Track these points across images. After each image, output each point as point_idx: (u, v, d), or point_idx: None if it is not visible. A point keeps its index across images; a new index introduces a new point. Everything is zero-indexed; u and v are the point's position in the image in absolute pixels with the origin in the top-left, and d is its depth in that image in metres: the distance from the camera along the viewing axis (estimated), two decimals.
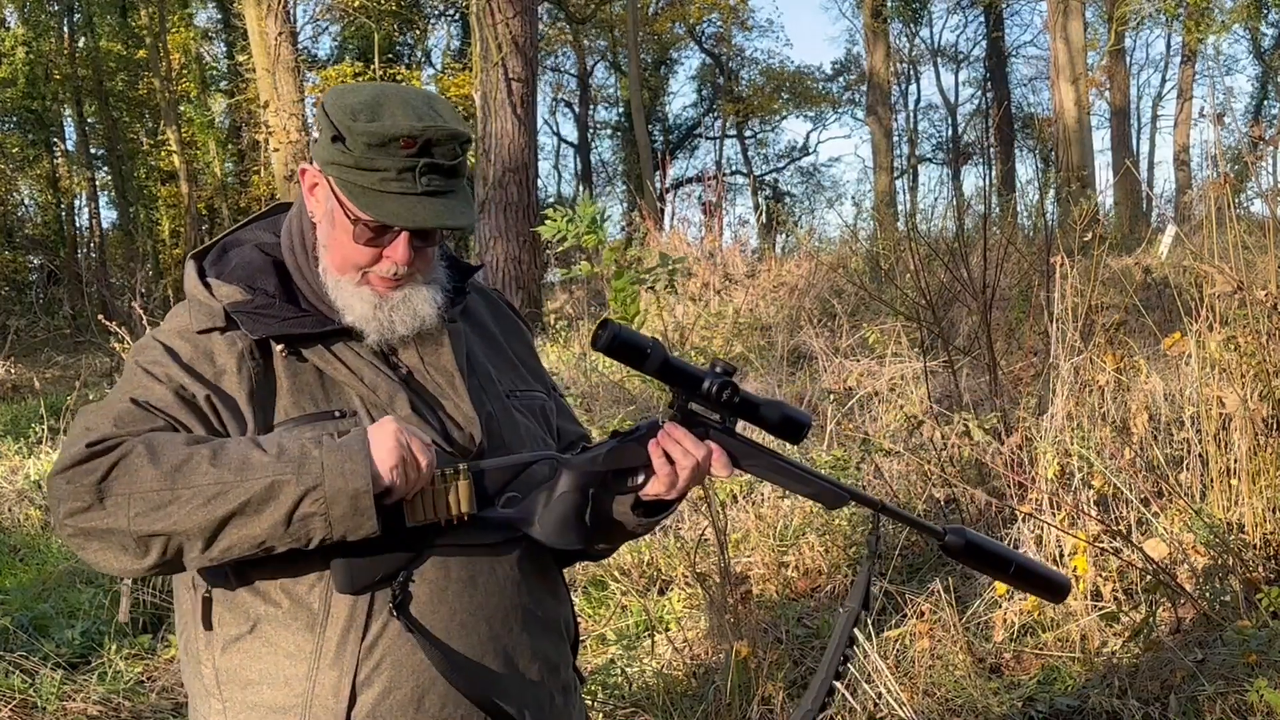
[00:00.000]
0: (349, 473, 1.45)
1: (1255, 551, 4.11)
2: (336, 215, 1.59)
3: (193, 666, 1.65)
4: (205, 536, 1.45)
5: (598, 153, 35.54)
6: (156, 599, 4.72)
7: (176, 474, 1.44)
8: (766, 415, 1.66)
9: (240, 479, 1.44)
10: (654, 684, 3.76)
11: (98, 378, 11.74)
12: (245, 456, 1.45)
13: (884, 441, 5.04)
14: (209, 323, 1.59)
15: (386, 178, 1.53)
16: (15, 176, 23.98)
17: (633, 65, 25.17)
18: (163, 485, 1.43)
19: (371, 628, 1.55)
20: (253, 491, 1.44)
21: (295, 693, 1.56)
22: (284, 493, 1.44)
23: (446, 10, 27.05)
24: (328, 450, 1.46)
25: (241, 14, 18.12)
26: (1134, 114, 30.06)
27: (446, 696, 1.58)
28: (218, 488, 1.43)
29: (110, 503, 1.44)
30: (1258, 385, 4.20)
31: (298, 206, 1.70)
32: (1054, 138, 22.63)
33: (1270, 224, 4.58)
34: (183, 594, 1.67)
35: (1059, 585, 1.86)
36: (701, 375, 1.62)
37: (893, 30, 30.30)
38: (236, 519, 1.44)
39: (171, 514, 1.44)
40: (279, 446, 1.47)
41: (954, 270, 6.19)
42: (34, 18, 22.67)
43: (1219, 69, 27.32)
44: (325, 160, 1.57)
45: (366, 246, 1.58)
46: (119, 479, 1.44)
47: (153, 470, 1.44)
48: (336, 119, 1.55)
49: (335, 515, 1.45)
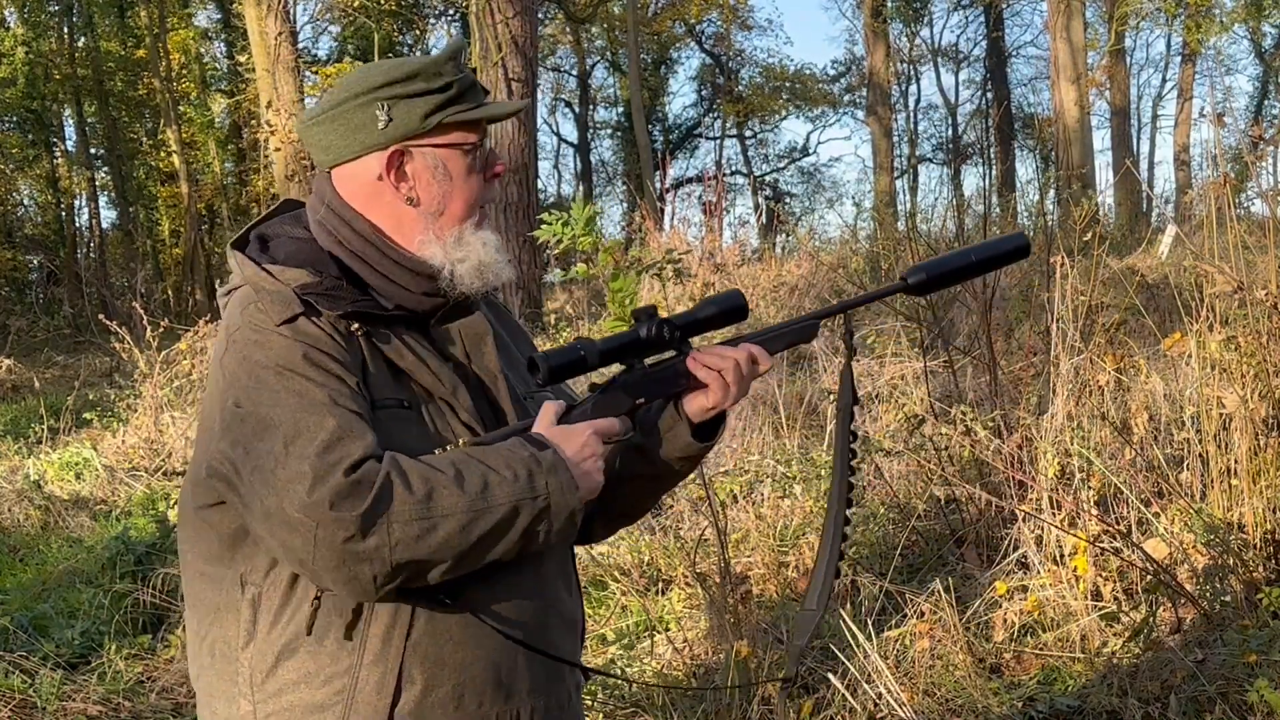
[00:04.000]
0: (568, 492, 1.54)
1: (1255, 551, 4.10)
2: (450, 163, 1.66)
3: (221, 666, 1.62)
4: (453, 561, 1.50)
5: (598, 153, 35.57)
6: (156, 599, 4.72)
7: (429, 502, 1.47)
8: (707, 317, 1.73)
9: (486, 505, 1.49)
10: (654, 684, 3.75)
11: (98, 378, 11.75)
12: (484, 479, 1.50)
13: (884, 441, 5.04)
14: (287, 311, 1.57)
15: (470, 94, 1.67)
16: (15, 176, 23.98)
17: (633, 65, 25.18)
18: (419, 514, 1.46)
19: (416, 625, 1.56)
20: (499, 516, 1.50)
21: (335, 690, 1.56)
22: (523, 514, 1.51)
23: (446, 10, 27.04)
24: (548, 471, 1.53)
25: (241, 14, 18.14)
26: (1134, 114, 30.07)
27: (483, 694, 1.60)
28: (469, 515, 1.48)
29: (373, 535, 1.44)
30: (1258, 385, 4.20)
31: (339, 214, 1.67)
32: (1054, 138, 22.65)
33: (1270, 224, 4.58)
34: (213, 592, 1.63)
35: (1017, 245, 1.87)
36: (634, 332, 1.68)
37: (893, 30, 30.33)
38: (484, 541, 1.50)
39: (428, 542, 1.46)
40: (508, 467, 1.52)
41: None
42: (34, 18, 22.67)
43: (1219, 69, 27.33)
44: (410, 127, 1.63)
45: (483, 176, 1.70)
46: (380, 509, 1.45)
47: (409, 498, 1.46)
48: (393, 81, 1.62)
49: (555, 530, 1.55)
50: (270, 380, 1.52)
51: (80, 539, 6.05)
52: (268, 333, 1.55)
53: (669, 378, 1.71)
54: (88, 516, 6.51)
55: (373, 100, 1.62)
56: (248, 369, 1.54)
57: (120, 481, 7.21)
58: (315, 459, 1.45)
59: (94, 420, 8.69)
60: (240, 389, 1.53)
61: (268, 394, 1.51)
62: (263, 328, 1.56)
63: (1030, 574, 4.17)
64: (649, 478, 1.79)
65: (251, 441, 1.49)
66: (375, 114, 1.62)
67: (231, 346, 1.57)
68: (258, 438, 1.49)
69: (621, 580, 4.71)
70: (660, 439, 1.75)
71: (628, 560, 4.90)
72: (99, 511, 6.67)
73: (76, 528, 6.32)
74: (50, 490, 6.97)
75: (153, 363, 8.43)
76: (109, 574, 4.94)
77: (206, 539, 1.63)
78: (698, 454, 1.77)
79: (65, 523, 6.39)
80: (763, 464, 5.67)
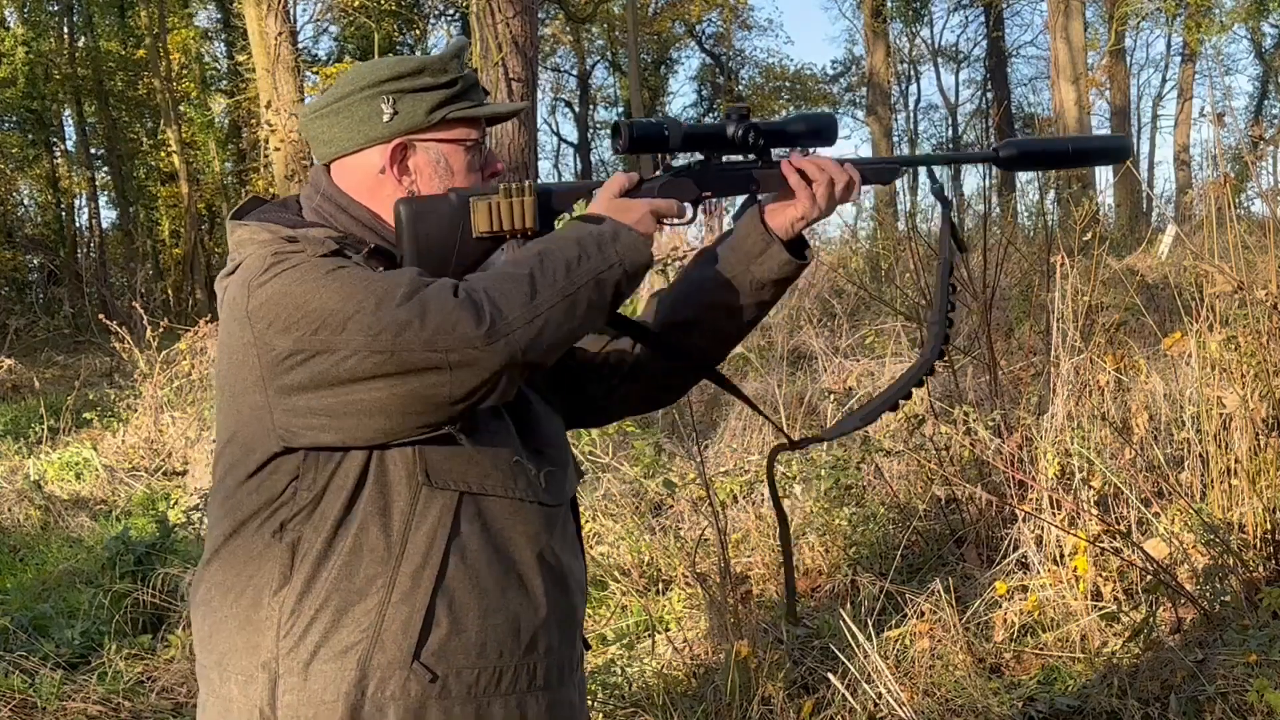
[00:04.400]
0: (638, 248, 1.62)
1: (1255, 551, 4.10)
2: (452, 158, 1.68)
3: (248, 614, 1.59)
4: (566, 340, 1.56)
5: (598, 153, 35.54)
6: (156, 599, 4.72)
7: (533, 300, 1.51)
8: (794, 130, 1.76)
9: (575, 286, 1.55)
10: (654, 684, 3.76)
11: (98, 378, 11.74)
12: (566, 264, 1.56)
13: (884, 441, 5.04)
14: (323, 248, 1.56)
15: (473, 92, 1.70)
16: (15, 176, 23.96)
17: (633, 65, 25.18)
18: (529, 315, 1.50)
19: (448, 568, 1.57)
20: (590, 292, 1.56)
21: (361, 628, 1.56)
22: (608, 283, 1.59)
23: (446, 10, 27.05)
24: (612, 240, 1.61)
25: (241, 14, 18.12)
26: (1134, 114, 30.05)
27: (504, 645, 1.61)
28: (568, 301, 1.54)
29: (500, 341, 1.48)
30: (1258, 385, 4.20)
31: (334, 200, 1.68)
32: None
33: (1270, 224, 4.58)
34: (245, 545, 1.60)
35: (1120, 144, 1.91)
36: (722, 126, 1.72)
37: (893, 30, 30.30)
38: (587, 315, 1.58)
39: (546, 335, 1.52)
40: (578, 245, 1.58)
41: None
42: (34, 18, 22.67)
43: (1219, 69, 27.34)
44: (414, 121, 1.65)
45: (483, 172, 1.71)
46: (498, 318, 1.48)
47: (514, 302, 1.50)
48: (399, 75, 1.64)
49: (631, 287, 1.63)
50: (324, 282, 1.51)
51: (80, 539, 6.05)
52: (308, 257, 1.54)
53: (740, 178, 1.75)
54: (88, 516, 6.51)
55: (378, 94, 1.64)
56: (294, 294, 1.51)
57: (120, 481, 7.22)
58: (411, 302, 1.47)
59: (94, 420, 8.69)
60: (295, 310, 1.50)
61: (329, 291, 1.49)
62: (301, 260, 1.54)
63: (1030, 574, 4.17)
64: (739, 307, 1.80)
65: (337, 336, 1.48)
66: (380, 107, 1.64)
67: (261, 288, 1.54)
68: (343, 327, 1.47)
69: (621, 580, 4.71)
70: (749, 264, 1.77)
71: (628, 560, 4.90)
72: (99, 511, 6.68)
73: (76, 528, 6.32)
74: (50, 490, 6.98)
75: (153, 363, 8.43)
76: (109, 574, 4.94)
77: (250, 497, 1.61)
78: (793, 273, 1.78)
79: (65, 523, 6.39)
80: (763, 464, 5.66)
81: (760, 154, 1.75)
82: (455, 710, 1.58)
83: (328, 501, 1.57)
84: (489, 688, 1.60)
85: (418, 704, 1.56)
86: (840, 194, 1.74)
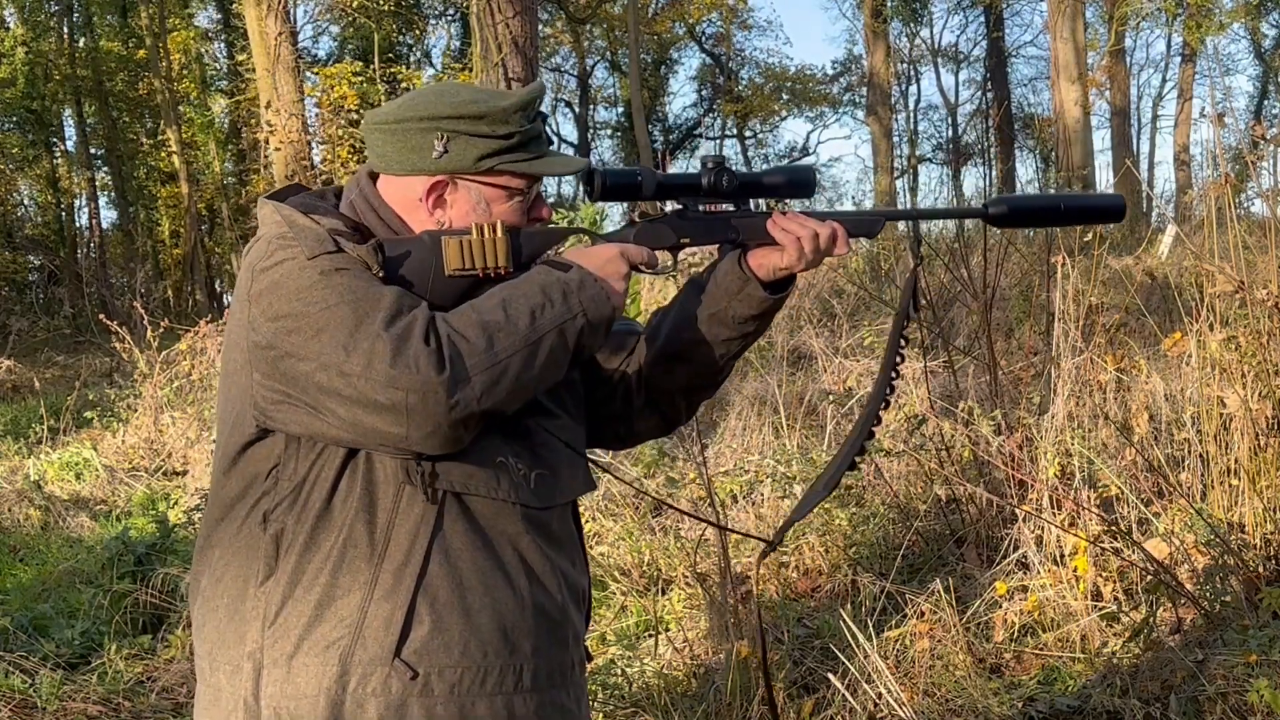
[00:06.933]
0: (601, 302, 1.63)
1: (1256, 551, 4.10)
2: (493, 201, 1.69)
3: (234, 606, 1.62)
4: (524, 390, 1.57)
5: (598, 153, 35.54)
6: (156, 599, 4.72)
7: (493, 349, 1.53)
8: (771, 183, 1.76)
9: (538, 336, 1.57)
10: (654, 684, 3.76)
11: (98, 378, 11.74)
12: (530, 311, 1.58)
13: (884, 441, 5.04)
14: (319, 247, 1.59)
15: (534, 144, 1.69)
16: (15, 176, 23.96)
17: (633, 65, 25.18)
18: (489, 363, 1.53)
19: (430, 565, 1.58)
20: (551, 342, 1.59)
21: (344, 623, 1.57)
22: (569, 334, 1.60)
23: (446, 10, 27.05)
24: (578, 289, 1.62)
25: (241, 14, 18.14)
26: (1134, 114, 30.03)
27: (488, 645, 1.61)
28: (528, 350, 1.56)
29: (459, 390, 1.51)
30: (1259, 385, 4.20)
31: (369, 201, 1.71)
32: (1054, 138, 22.64)
33: (1270, 224, 4.58)
34: (232, 533, 1.63)
35: (1111, 205, 1.89)
36: (696, 175, 1.72)
37: (893, 30, 30.30)
38: (546, 367, 1.59)
39: (503, 384, 1.54)
40: (543, 293, 1.60)
41: (954, 270, 6.19)
42: (34, 18, 22.67)
43: (1219, 69, 27.34)
44: (461, 165, 1.66)
45: (528, 215, 1.72)
46: (459, 365, 1.51)
47: (476, 349, 1.52)
48: (459, 116, 1.65)
49: (596, 342, 1.66)
50: (315, 283, 1.54)
51: (80, 539, 6.05)
52: (302, 258, 1.58)
53: (718, 225, 1.75)
54: (88, 516, 6.51)
55: (434, 128, 1.66)
56: (287, 287, 1.55)
57: (120, 481, 7.22)
58: (387, 332, 1.49)
59: (94, 420, 8.69)
60: (282, 304, 1.55)
61: (316, 294, 1.53)
62: (297, 254, 1.58)
63: (1030, 574, 4.17)
64: (722, 340, 1.82)
65: (310, 343, 1.52)
66: (433, 142, 1.66)
67: (264, 274, 1.58)
68: (316, 337, 1.52)
69: (621, 580, 4.71)
70: (729, 301, 1.78)
71: (628, 560, 4.90)
72: (99, 511, 6.67)
73: (76, 528, 6.32)
74: (50, 490, 6.97)
75: (153, 363, 8.43)
76: (109, 574, 4.94)
77: (235, 481, 1.65)
78: (770, 308, 1.79)
79: (65, 523, 6.39)
80: (763, 464, 5.67)
81: (736, 200, 1.74)
82: (438, 709, 1.58)
83: (309, 492, 1.59)
84: (473, 687, 1.60)
85: (399, 701, 1.57)
86: (825, 246, 1.75)
